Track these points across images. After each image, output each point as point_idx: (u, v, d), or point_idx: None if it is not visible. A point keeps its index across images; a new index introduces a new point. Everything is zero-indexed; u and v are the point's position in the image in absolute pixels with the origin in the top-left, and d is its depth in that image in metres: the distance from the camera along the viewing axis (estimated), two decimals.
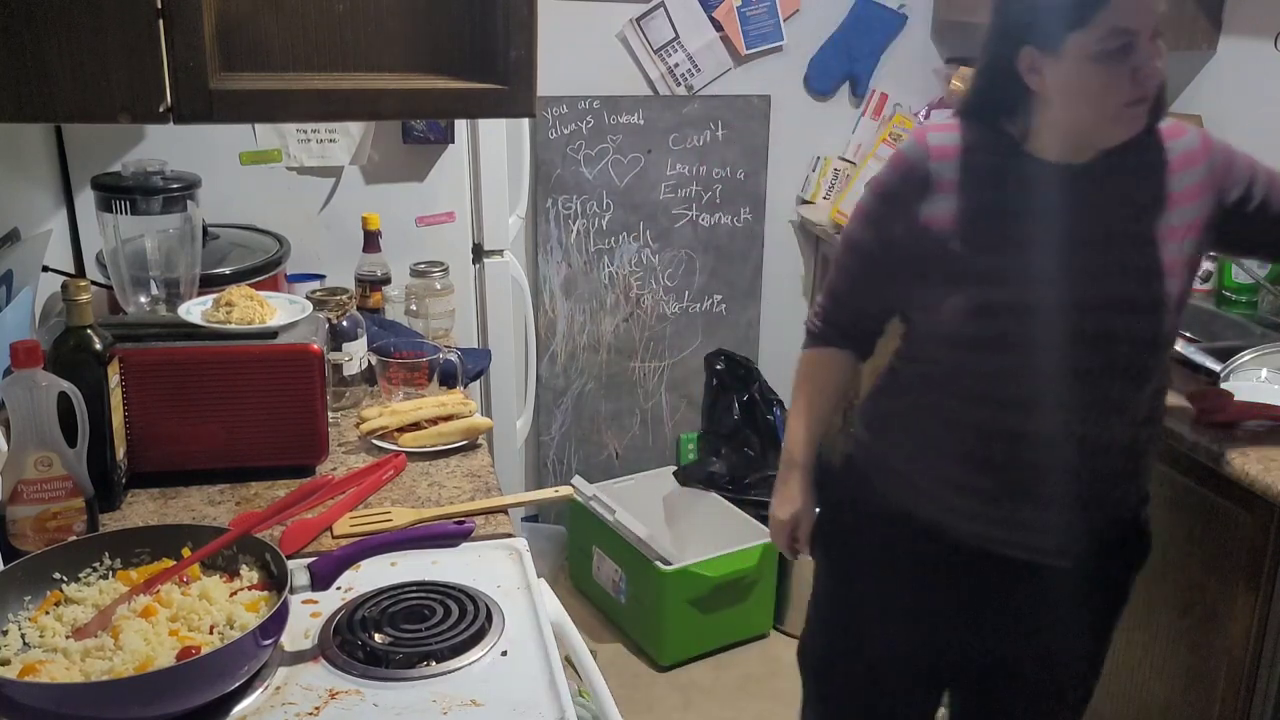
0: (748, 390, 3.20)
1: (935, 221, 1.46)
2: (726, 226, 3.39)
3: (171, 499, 1.51)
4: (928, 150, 1.48)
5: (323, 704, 1.09)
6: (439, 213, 2.36)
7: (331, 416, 1.70)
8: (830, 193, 3.39)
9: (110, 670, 1.04)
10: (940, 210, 1.46)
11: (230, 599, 1.16)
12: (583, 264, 3.28)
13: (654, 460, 3.46)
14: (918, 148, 1.49)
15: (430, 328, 2.13)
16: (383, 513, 1.49)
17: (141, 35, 1.14)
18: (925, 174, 1.47)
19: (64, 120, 1.83)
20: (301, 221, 2.24)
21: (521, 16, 1.25)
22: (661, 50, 3.16)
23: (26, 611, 1.15)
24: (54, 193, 2.08)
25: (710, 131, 3.28)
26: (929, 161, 1.48)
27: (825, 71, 3.33)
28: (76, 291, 1.40)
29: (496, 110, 1.30)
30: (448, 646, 1.17)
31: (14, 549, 1.30)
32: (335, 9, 1.22)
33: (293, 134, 2.21)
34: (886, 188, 1.52)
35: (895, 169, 1.51)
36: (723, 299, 3.44)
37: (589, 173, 3.20)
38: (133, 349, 1.49)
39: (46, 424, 1.30)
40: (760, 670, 2.87)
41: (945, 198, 1.46)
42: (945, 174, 1.47)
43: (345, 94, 1.24)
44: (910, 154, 1.50)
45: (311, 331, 1.59)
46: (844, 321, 1.65)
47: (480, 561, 1.35)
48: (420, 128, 2.29)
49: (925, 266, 1.49)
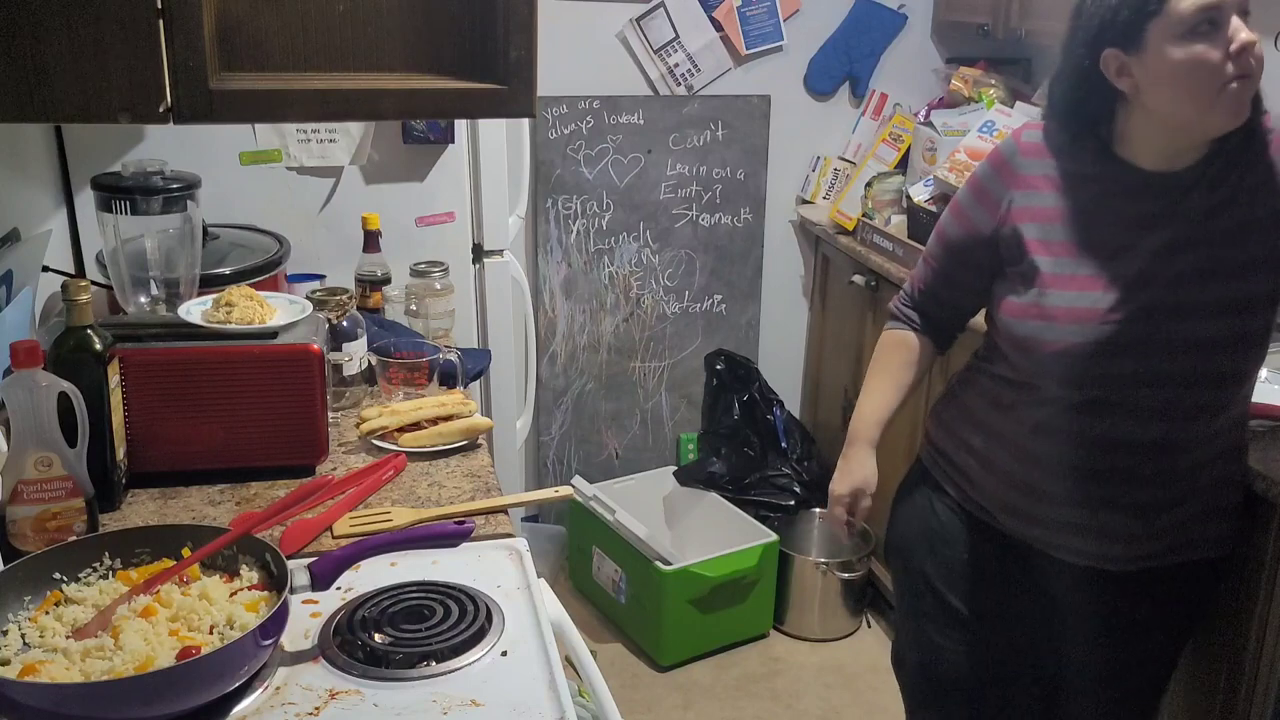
0: (748, 390, 3.20)
1: (1015, 216, 1.47)
2: (726, 226, 3.39)
3: (171, 499, 1.51)
4: (1018, 145, 1.49)
5: (323, 704, 1.09)
6: (439, 213, 2.36)
7: (331, 416, 1.70)
8: (830, 193, 3.39)
9: (110, 670, 1.04)
10: (1024, 208, 1.46)
11: (230, 599, 1.16)
12: (583, 264, 3.28)
13: (654, 460, 3.46)
14: (1010, 143, 1.51)
15: (430, 328, 2.13)
16: (383, 513, 1.49)
17: (141, 35, 1.14)
18: (1014, 169, 1.48)
19: (64, 120, 1.83)
20: (301, 221, 2.24)
21: (521, 17, 1.25)
22: (661, 50, 3.16)
23: (26, 611, 1.15)
24: (54, 193, 2.08)
25: (710, 131, 3.28)
26: (1019, 156, 1.48)
27: (825, 71, 3.33)
28: (76, 291, 1.40)
29: (496, 110, 1.30)
30: (448, 646, 1.17)
31: (14, 549, 1.30)
32: (335, 9, 1.22)
33: (293, 134, 2.21)
34: (978, 181, 1.53)
35: (989, 163, 1.53)
36: (723, 299, 3.44)
37: (589, 173, 3.20)
38: (133, 349, 1.49)
39: (46, 424, 1.30)
40: (760, 670, 2.87)
41: (1031, 195, 1.46)
42: (1033, 170, 1.46)
43: (345, 94, 1.24)
44: (1003, 149, 1.51)
45: (311, 331, 1.59)
46: (925, 308, 1.66)
47: (480, 561, 1.35)
48: (420, 128, 2.29)
49: (1003, 261, 1.50)
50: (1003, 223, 1.48)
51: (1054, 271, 1.43)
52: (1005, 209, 1.48)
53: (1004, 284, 1.51)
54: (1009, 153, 1.50)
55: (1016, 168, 1.48)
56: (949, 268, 1.61)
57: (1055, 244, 1.44)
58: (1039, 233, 1.45)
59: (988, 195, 1.51)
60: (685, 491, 3.14)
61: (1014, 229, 1.47)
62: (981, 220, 1.51)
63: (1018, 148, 1.49)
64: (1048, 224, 1.45)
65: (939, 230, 1.61)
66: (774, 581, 2.95)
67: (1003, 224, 1.48)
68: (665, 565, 2.75)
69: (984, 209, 1.51)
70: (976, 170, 1.56)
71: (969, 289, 1.60)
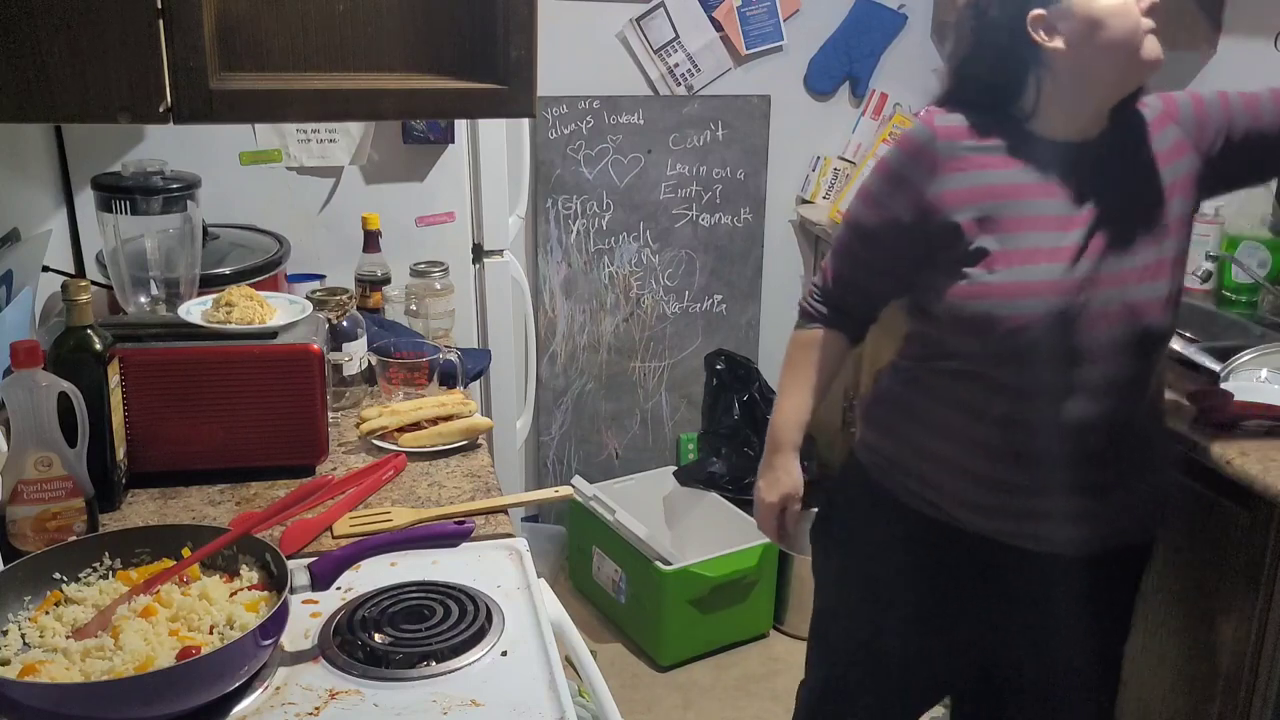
0: (748, 390, 3.20)
1: (944, 202, 1.46)
2: (726, 226, 3.39)
3: (171, 499, 1.51)
4: (934, 131, 1.48)
5: (323, 704, 1.09)
6: (439, 213, 2.36)
7: (331, 416, 1.70)
8: (830, 193, 3.39)
9: (110, 670, 1.04)
10: (948, 191, 1.46)
11: (230, 599, 1.16)
12: (583, 264, 3.28)
13: (654, 460, 3.46)
14: (925, 129, 1.50)
15: (430, 328, 2.13)
16: (383, 513, 1.48)
17: (141, 35, 1.14)
18: (933, 154, 1.47)
19: (64, 120, 1.83)
20: (301, 221, 2.24)
21: (521, 17, 1.25)
22: (661, 50, 3.16)
23: (26, 611, 1.15)
24: (54, 193, 2.08)
25: (710, 131, 3.28)
26: (938, 141, 1.48)
27: (825, 71, 3.33)
28: (76, 291, 1.40)
29: (496, 110, 1.30)
30: (448, 646, 1.17)
31: (14, 549, 1.30)
32: (335, 9, 1.22)
33: (293, 134, 2.21)
34: (894, 169, 1.52)
35: (902, 150, 1.51)
36: (723, 299, 3.44)
37: (589, 173, 3.20)
38: (133, 349, 1.49)
39: (46, 424, 1.30)
40: (760, 670, 2.87)
41: (953, 178, 1.46)
42: (957, 154, 1.47)
43: (345, 94, 1.24)
44: (918, 135, 1.50)
45: (311, 331, 1.59)
46: (839, 300, 1.63)
47: (480, 561, 1.35)
48: (420, 128, 2.29)
49: (934, 249, 1.48)
50: (929, 210, 1.47)
51: (998, 249, 1.44)
52: (930, 196, 1.47)
53: (937, 271, 1.48)
54: (925, 139, 1.48)
55: (938, 153, 1.47)
56: (866, 256, 1.58)
57: (991, 222, 1.44)
58: (975, 213, 1.45)
59: (906, 183, 1.49)
60: (685, 491, 3.14)
61: (945, 215, 1.46)
62: (901, 209, 1.49)
63: (935, 133, 1.48)
64: (982, 204, 1.45)
65: (852, 221, 1.58)
66: (774, 581, 2.95)
67: (930, 211, 1.47)
68: (665, 565, 2.75)
69: (903, 197, 1.49)
70: (888, 159, 1.53)
71: (887, 276, 1.58)
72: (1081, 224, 1.44)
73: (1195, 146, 1.50)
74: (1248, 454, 1.73)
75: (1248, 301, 2.46)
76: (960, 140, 1.47)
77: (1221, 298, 2.51)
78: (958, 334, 1.48)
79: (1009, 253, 1.44)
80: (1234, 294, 2.49)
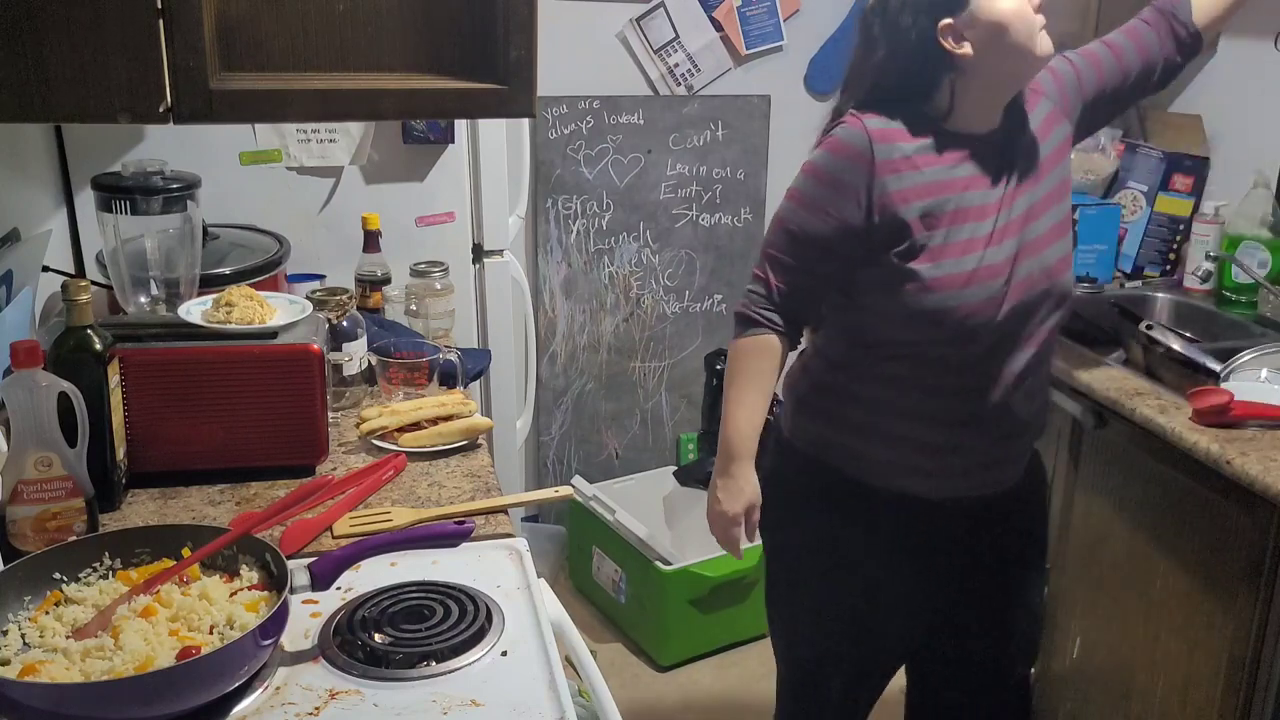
0: None
1: (892, 202, 1.51)
2: (726, 226, 3.39)
3: (171, 499, 1.51)
4: (869, 134, 1.53)
5: (323, 704, 1.09)
6: (439, 213, 2.36)
7: (331, 416, 1.70)
8: None
9: (110, 670, 1.04)
10: (895, 191, 1.51)
11: (230, 599, 1.16)
12: (583, 264, 3.28)
13: (654, 460, 3.46)
14: (858, 132, 1.54)
15: (430, 328, 2.13)
16: (383, 513, 1.49)
17: (141, 35, 1.14)
18: (873, 158, 1.52)
19: (64, 120, 1.83)
20: (301, 221, 2.24)
21: (521, 17, 1.25)
22: (661, 50, 3.16)
23: (26, 611, 1.15)
24: (54, 193, 2.08)
25: (710, 131, 3.28)
26: (875, 144, 1.52)
27: (825, 71, 3.33)
28: (76, 291, 1.40)
29: (496, 110, 1.30)
30: (448, 646, 1.17)
31: (14, 549, 1.30)
32: (335, 9, 1.22)
33: (293, 134, 2.21)
34: (832, 173, 1.55)
35: (838, 154, 1.55)
36: (723, 299, 3.44)
37: (589, 173, 3.20)
38: (133, 349, 1.49)
39: (46, 424, 1.30)
40: (760, 670, 2.87)
41: (895, 178, 1.52)
42: (893, 154, 1.52)
43: (345, 94, 1.24)
44: (852, 139, 1.54)
45: (311, 331, 1.59)
46: (787, 308, 1.63)
47: (480, 561, 1.35)
48: (420, 128, 2.29)
49: (879, 248, 1.53)
50: (874, 211, 1.51)
51: (941, 243, 1.52)
52: (873, 198, 1.51)
53: (882, 270, 1.53)
54: (861, 143, 1.52)
55: (876, 154, 1.51)
56: (810, 263, 1.59)
57: (933, 217, 1.52)
58: (920, 210, 1.51)
59: (848, 187, 1.52)
60: (685, 491, 3.14)
61: (893, 214, 1.51)
62: (849, 212, 1.52)
63: (869, 135, 1.52)
64: (926, 201, 1.52)
65: (795, 228, 1.58)
66: None
67: (875, 213, 1.51)
68: (665, 565, 2.75)
69: (848, 200, 1.52)
70: (821, 164, 1.56)
71: (831, 279, 1.61)
72: (1001, 207, 1.55)
73: (1065, 113, 1.65)
74: (1248, 454, 1.73)
75: (1248, 301, 2.46)
76: (895, 142, 1.53)
77: (1221, 298, 2.52)
78: (910, 326, 1.55)
79: (950, 245, 1.52)
80: (1234, 294, 2.49)
